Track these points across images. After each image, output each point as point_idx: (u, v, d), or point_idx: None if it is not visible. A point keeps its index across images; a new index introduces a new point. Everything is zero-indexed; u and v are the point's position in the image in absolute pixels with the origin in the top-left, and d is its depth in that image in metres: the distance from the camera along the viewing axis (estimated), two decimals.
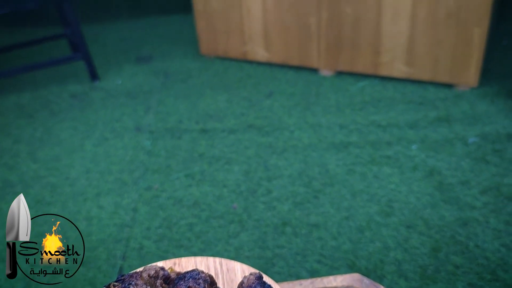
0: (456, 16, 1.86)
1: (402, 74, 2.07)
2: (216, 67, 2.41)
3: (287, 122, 1.94)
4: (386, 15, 1.98)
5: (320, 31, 2.15)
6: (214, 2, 2.33)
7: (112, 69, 2.48)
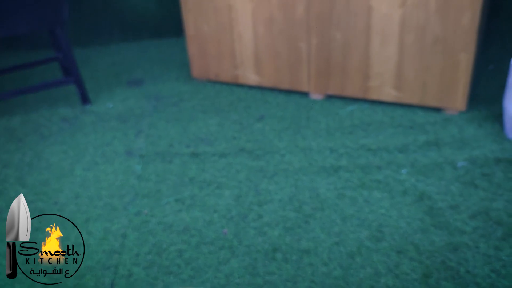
0: (443, 42, 1.90)
1: (391, 98, 2.10)
2: (208, 90, 2.43)
3: (278, 146, 1.95)
4: (375, 41, 2.02)
5: (310, 56, 2.19)
6: (205, 27, 2.37)
7: (103, 92, 2.49)
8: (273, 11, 2.17)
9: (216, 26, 2.34)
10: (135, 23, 3.12)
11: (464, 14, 1.82)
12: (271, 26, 2.21)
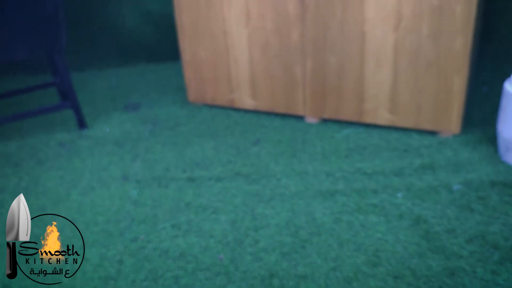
0: (436, 66, 1.93)
1: (386, 122, 2.12)
2: (204, 114, 2.45)
3: (274, 170, 1.95)
4: (369, 64, 2.05)
5: (305, 80, 2.21)
6: (202, 52, 2.40)
7: (100, 117, 2.50)
8: (268, 36, 2.21)
9: (212, 51, 2.37)
10: (133, 48, 3.16)
11: (456, 39, 1.85)
12: (267, 51, 2.24)
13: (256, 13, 2.19)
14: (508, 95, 1.75)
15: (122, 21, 3.09)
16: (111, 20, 3.07)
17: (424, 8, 1.85)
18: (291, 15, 2.12)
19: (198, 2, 2.30)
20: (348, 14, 1.99)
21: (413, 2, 1.86)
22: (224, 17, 2.27)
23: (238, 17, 2.24)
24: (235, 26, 2.26)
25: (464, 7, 1.79)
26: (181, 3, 2.34)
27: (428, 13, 1.85)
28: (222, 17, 2.28)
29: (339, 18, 2.02)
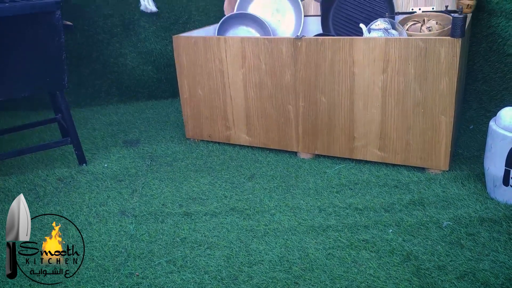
0: (423, 106, 2.01)
1: (376, 158, 2.18)
2: (201, 150, 2.51)
3: (268, 205, 2.00)
4: (358, 104, 2.13)
5: (298, 118, 2.29)
6: (199, 91, 2.49)
7: (100, 152, 2.56)
8: (263, 76, 2.30)
9: (209, 90, 2.46)
10: (133, 86, 3.26)
11: (442, 80, 1.94)
12: (261, 90, 2.33)
13: (251, 55, 2.29)
14: (493, 133, 1.82)
15: (123, 61, 3.20)
16: (112, 60, 3.19)
17: (410, 51, 1.95)
18: (284, 56, 2.22)
19: (196, 43, 2.41)
20: (338, 57, 2.09)
21: (400, 45, 1.96)
22: (221, 58, 2.37)
23: (234, 58, 2.34)
24: (231, 67, 2.36)
25: (448, 50, 1.89)
26: (180, 44, 2.45)
27: (414, 56, 1.95)
28: (219, 58, 2.38)
29: (330, 60, 2.12)
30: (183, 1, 3.12)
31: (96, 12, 3.09)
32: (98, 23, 3.12)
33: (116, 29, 3.16)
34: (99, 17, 3.11)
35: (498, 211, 1.82)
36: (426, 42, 1.91)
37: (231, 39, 2.33)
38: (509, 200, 1.82)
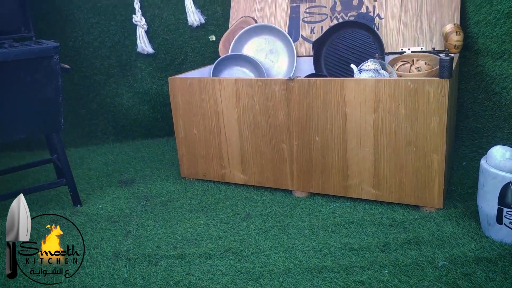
0: (415, 144, 2.04)
1: (370, 196, 2.19)
2: (196, 189, 2.51)
3: (263, 246, 1.98)
4: (351, 143, 2.16)
5: (292, 157, 2.31)
6: (194, 130, 2.52)
7: (95, 193, 2.56)
8: (257, 116, 2.34)
9: (205, 129, 2.49)
10: (129, 125, 3.29)
11: (432, 119, 1.98)
12: (256, 130, 2.36)
13: (245, 95, 2.34)
14: (484, 171, 1.84)
15: (119, 100, 3.25)
16: (109, 100, 3.24)
17: (400, 92, 2.00)
18: (278, 97, 2.26)
19: (191, 84, 2.46)
20: (330, 97, 2.14)
21: (390, 86, 2.01)
22: (216, 98, 2.42)
23: (229, 98, 2.38)
24: (226, 107, 2.40)
25: (437, 90, 1.93)
26: (176, 86, 2.50)
27: (404, 96, 2.00)
28: (214, 99, 2.42)
29: (322, 100, 2.16)
30: (179, 42, 3.20)
31: (94, 54, 3.17)
32: (96, 64, 3.18)
33: (113, 70, 3.22)
34: (96, 58, 3.18)
35: (493, 250, 1.81)
36: (415, 83, 1.96)
37: (226, 80, 2.38)
38: (503, 239, 1.81)
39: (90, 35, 3.12)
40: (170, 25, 3.17)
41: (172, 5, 3.13)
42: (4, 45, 2.18)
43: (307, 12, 2.85)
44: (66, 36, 3.09)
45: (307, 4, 2.85)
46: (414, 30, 2.57)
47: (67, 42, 3.09)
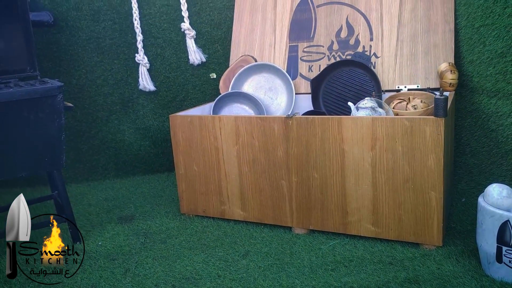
0: (413, 182, 2.05)
1: (369, 233, 2.18)
2: (195, 226, 2.51)
3: (262, 285, 1.96)
4: (350, 179, 2.17)
5: (291, 193, 2.32)
6: (194, 166, 2.54)
7: (94, 229, 2.56)
8: (256, 153, 2.37)
9: (204, 165, 2.52)
10: (130, 160, 3.32)
11: (429, 157, 2.00)
12: (255, 166, 2.39)
13: (245, 132, 2.38)
14: (482, 210, 1.84)
15: (121, 137, 3.29)
16: (111, 136, 3.28)
17: (397, 130, 2.03)
18: (277, 134, 2.30)
19: (191, 121, 2.50)
20: (328, 134, 2.17)
21: (387, 124, 2.05)
22: (216, 135, 2.45)
23: (229, 135, 2.42)
24: (226, 143, 2.44)
25: (433, 129, 1.96)
26: (176, 123, 2.54)
27: (401, 134, 2.03)
28: (214, 136, 2.46)
29: (320, 138, 2.19)
30: (181, 80, 3.28)
31: (97, 91, 3.23)
32: (98, 101, 3.25)
33: (115, 107, 3.28)
34: (99, 96, 3.24)
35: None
36: (412, 121, 2.00)
37: (225, 117, 2.42)
38: (504, 278, 1.80)
39: (93, 73, 3.20)
40: (172, 64, 3.25)
41: (174, 44, 3.23)
42: (9, 84, 2.24)
43: (305, 51, 2.93)
44: (70, 74, 3.16)
45: (305, 43, 2.94)
46: (410, 69, 2.64)
47: (71, 80, 3.17)
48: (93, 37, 3.16)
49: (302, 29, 2.95)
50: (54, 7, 3.06)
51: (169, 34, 3.22)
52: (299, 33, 2.96)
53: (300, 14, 2.97)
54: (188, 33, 3.19)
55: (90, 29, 3.14)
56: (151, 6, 3.17)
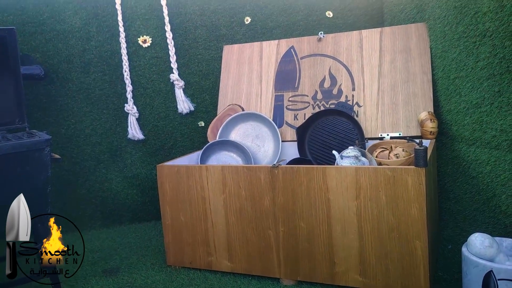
0: (397, 231, 2.07)
1: (357, 284, 2.17)
2: (181, 278, 2.47)
3: None
4: (336, 229, 2.18)
5: (278, 244, 2.32)
6: (181, 217, 2.54)
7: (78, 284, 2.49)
8: (243, 202, 2.38)
9: (191, 216, 2.51)
10: (117, 209, 3.30)
11: (412, 206, 2.03)
12: (242, 216, 2.39)
13: (231, 182, 2.40)
14: (466, 259, 1.86)
15: (108, 185, 3.29)
16: (98, 185, 3.27)
17: (380, 179, 2.07)
18: (263, 183, 2.32)
19: (179, 171, 2.52)
20: (313, 183, 2.20)
21: (370, 173, 2.09)
22: (203, 185, 2.47)
23: (215, 185, 2.44)
24: (213, 193, 2.45)
25: (414, 179, 2.01)
26: (163, 173, 2.56)
27: (384, 184, 2.06)
28: (201, 185, 2.47)
29: (306, 187, 2.22)
30: (169, 128, 3.33)
31: (85, 140, 3.26)
32: (86, 150, 3.26)
33: (103, 156, 3.30)
34: (87, 145, 3.26)
35: None
36: (394, 171, 2.04)
37: (212, 167, 2.45)
38: None
39: (82, 123, 3.24)
40: (161, 113, 3.31)
41: (163, 94, 3.30)
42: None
43: (290, 100, 3.01)
44: (59, 125, 3.19)
45: (290, 93, 3.02)
46: (392, 117, 2.72)
47: (60, 130, 3.19)
48: (83, 88, 3.22)
49: (287, 79, 3.05)
50: (46, 60, 3.13)
51: (158, 85, 3.30)
52: (284, 83, 3.05)
53: (285, 65, 3.08)
54: (177, 83, 3.27)
55: (80, 80, 3.21)
56: (140, 58, 3.27)
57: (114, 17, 3.20)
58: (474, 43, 2.23)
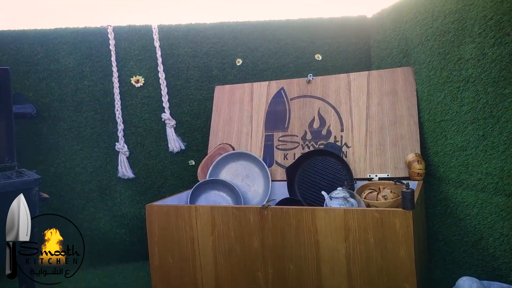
0: (386, 273, 2.06)
1: None
2: None
3: None
4: (325, 270, 2.17)
5: (267, 285, 2.29)
6: (169, 258, 2.50)
7: None
8: (232, 243, 2.36)
9: (180, 257, 2.48)
10: (104, 249, 3.25)
11: (400, 248, 2.03)
12: (231, 257, 2.37)
13: (220, 222, 2.39)
14: None
15: (97, 224, 3.25)
16: (86, 224, 3.23)
17: (368, 221, 2.08)
18: (252, 224, 2.31)
19: (168, 212, 2.51)
20: (303, 225, 2.20)
21: (358, 215, 2.10)
22: (192, 225, 2.45)
23: (204, 225, 2.42)
24: (201, 234, 2.43)
25: (402, 221, 2.02)
26: (152, 213, 2.54)
27: (372, 225, 2.07)
28: (190, 226, 2.46)
29: (295, 228, 2.22)
30: (159, 167, 3.33)
31: (75, 179, 3.25)
32: (76, 189, 3.25)
33: (92, 194, 3.28)
34: (77, 183, 3.25)
35: None
36: (381, 213, 2.06)
37: (202, 207, 2.44)
38: None
39: (72, 161, 3.24)
40: (151, 151, 3.33)
41: (154, 133, 3.33)
42: None
43: (280, 140, 3.05)
44: (49, 163, 3.19)
45: (280, 133, 3.07)
46: (380, 158, 2.76)
47: (49, 168, 3.18)
48: (75, 126, 3.24)
49: (277, 119, 3.10)
50: (38, 99, 3.17)
51: (150, 124, 3.33)
52: (274, 123, 3.10)
53: (275, 106, 3.14)
54: (168, 122, 3.31)
55: (72, 119, 3.23)
56: (133, 97, 3.31)
57: (107, 57, 3.27)
58: (458, 88, 2.31)
